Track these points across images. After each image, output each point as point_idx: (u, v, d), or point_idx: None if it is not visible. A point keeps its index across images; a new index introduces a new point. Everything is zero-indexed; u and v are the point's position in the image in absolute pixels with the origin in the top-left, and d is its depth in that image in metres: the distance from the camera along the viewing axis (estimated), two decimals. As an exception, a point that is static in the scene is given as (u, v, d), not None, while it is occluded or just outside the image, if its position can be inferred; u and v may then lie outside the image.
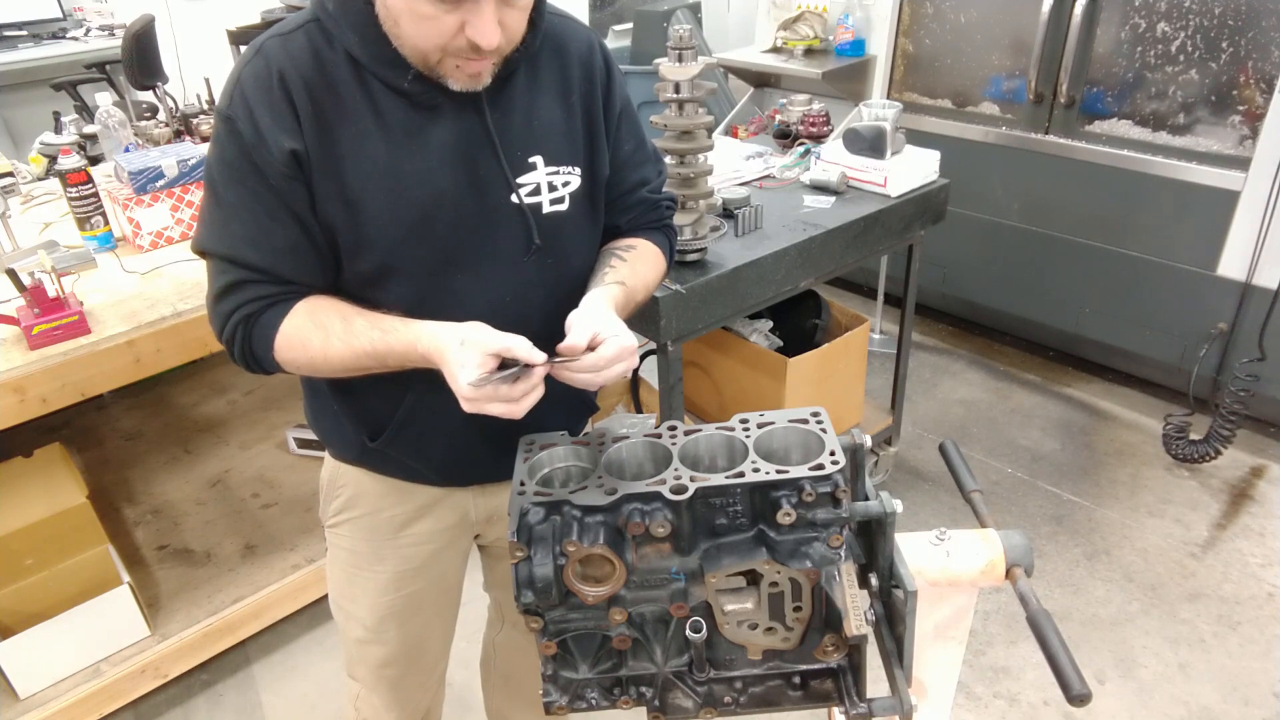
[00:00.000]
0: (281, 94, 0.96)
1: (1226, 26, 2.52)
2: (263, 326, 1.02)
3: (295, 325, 1.01)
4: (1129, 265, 2.91)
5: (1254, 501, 2.65)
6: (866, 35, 3.24)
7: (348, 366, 1.00)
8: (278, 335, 1.01)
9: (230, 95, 0.98)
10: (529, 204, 1.06)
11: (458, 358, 0.90)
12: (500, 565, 1.45)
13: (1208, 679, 2.08)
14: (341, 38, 0.98)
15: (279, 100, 0.96)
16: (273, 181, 0.98)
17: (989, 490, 2.72)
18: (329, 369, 1.02)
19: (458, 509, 1.28)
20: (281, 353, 1.02)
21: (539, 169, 1.07)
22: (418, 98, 1.00)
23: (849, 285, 3.89)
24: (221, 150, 0.99)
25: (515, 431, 1.01)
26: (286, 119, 0.96)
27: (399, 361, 0.98)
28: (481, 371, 0.88)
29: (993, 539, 0.91)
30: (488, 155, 1.04)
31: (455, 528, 1.30)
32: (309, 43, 0.98)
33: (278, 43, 0.98)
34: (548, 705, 0.93)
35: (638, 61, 4.20)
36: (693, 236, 1.83)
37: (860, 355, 2.49)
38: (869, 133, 2.22)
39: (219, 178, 1.00)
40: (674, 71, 1.62)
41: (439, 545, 1.30)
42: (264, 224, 0.99)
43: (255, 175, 0.98)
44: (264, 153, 0.96)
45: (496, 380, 0.89)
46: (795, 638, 0.88)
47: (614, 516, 0.83)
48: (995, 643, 2.19)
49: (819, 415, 0.91)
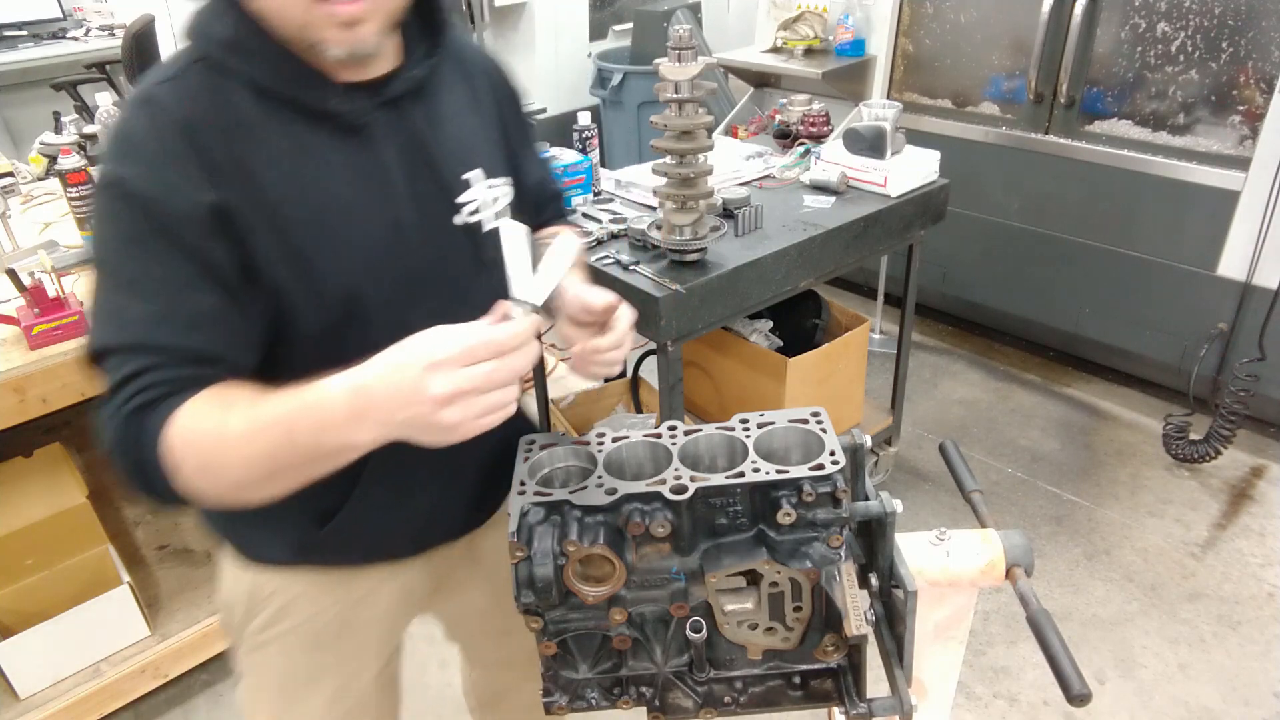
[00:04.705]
0: (187, 144, 0.82)
1: (1226, 26, 2.52)
2: (156, 417, 0.77)
3: (193, 409, 0.78)
4: (1129, 265, 2.90)
5: (1254, 501, 2.65)
6: (866, 35, 3.24)
7: (249, 459, 0.76)
8: (170, 426, 0.77)
9: (118, 157, 0.83)
10: (473, 223, 0.99)
11: (419, 340, 0.72)
12: (464, 624, 1.33)
13: (1208, 679, 2.08)
14: (244, 68, 0.85)
15: (184, 151, 0.81)
16: (188, 242, 0.81)
17: (989, 490, 2.72)
18: (226, 470, 0.77)
19: (403, 588, 1.13)
20: (173, 450, 0.76)
21: (478, 184, 0.99)
22: (344, 119, 0.88)
23: (849, 285, 3.88)
24: (114, 223, 0.82)
25: (498, 460, 0.95)
26: (198, 171, 0.82)
27: (313, 426, 0.74)
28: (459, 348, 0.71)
29: (993, 539, 0.92)
30: (427, 175, 0.95)
31: (400, 608, 1.15)
32: (204, 83, 0.84)
33: (168, 88, 0.84)
34: (548, 705, 0.93)
35: (638, 61, 4.20)
36: (693, 236, 1.83)
37: (860, 355, 2.49)
38: (869, 133, 2.21)
39: (114, 256, 0.82)
40: (674, 71, 1.62)
41: (385, 634, 1.16)
42: (177, 295, 0.81)
43: (162, 239, 0.81)
44: (173, 212, 0.80)
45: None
46: (795, 638, 0.88)
47: (614, 516, 0.83)
48: (995, 643, 2.19)
49: (819, 415, 0.91)
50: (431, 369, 0.69)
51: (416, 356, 0.70)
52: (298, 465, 0.77)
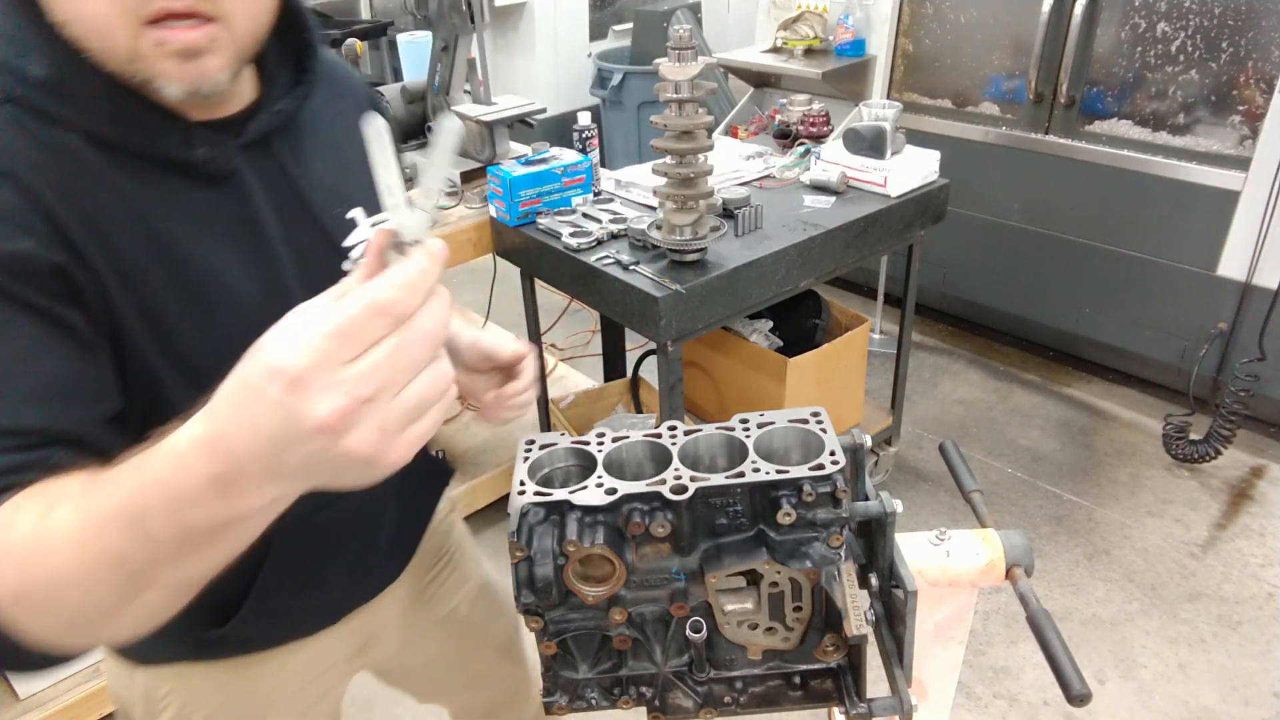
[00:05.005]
0: (18, 197, 0.66)
1: (1226, 26, 2.52)
2: None
3: (2, 515, 0.57)
4: (1129, 265, 2.91)
5: (1254, 501, 2.65)
6: (866, 35, 3.24)
7: (87, 573, 0.53)
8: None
9: None
10: None
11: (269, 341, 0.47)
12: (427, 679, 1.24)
13: (1208, 679, 2.08)
14: (71, 115, 0.70)
15: (16, 205, 0.66)
16: (27, 299, 0.65)
17: (989, 490, 2.71)
18: (58, 593, 0.54)
19: (323, 656, 1.01)
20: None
21: (362, 224, 0.88)
22: (204, 168, 0.75)
23: (849, 285, 3.88)
24: None
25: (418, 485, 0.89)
26: (36, 226, 0.66)
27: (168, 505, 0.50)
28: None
29: (993, 539, 0.92)
30: (306, 222, 0.83)
31: (325, 677, 1.03)
32: (22, 130, 0.68)
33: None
34: (548, 705, 0.93)
35: (638, 61, 4.20)
36: (693, 236, 1.83)
37: (860, 355, 2.49)
38: (869, 133, 2.22)
39: None
40: (674, 71, 1.62)
41: (314, 704, 1.04)
42: (14, 362, 0.64)
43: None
44: (7, 265, 0.64)
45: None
46: (795, 638, 0.88)
47: (614, 516, 0.83)
48: (995, 643, 2.19)
49: (819, 415, 0.91)
50: (296, 383, 0.45)
51: (269, 370, 0.45)
52: (165, 565, 0.53)
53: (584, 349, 3.57)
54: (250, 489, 0.49)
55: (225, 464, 0.48)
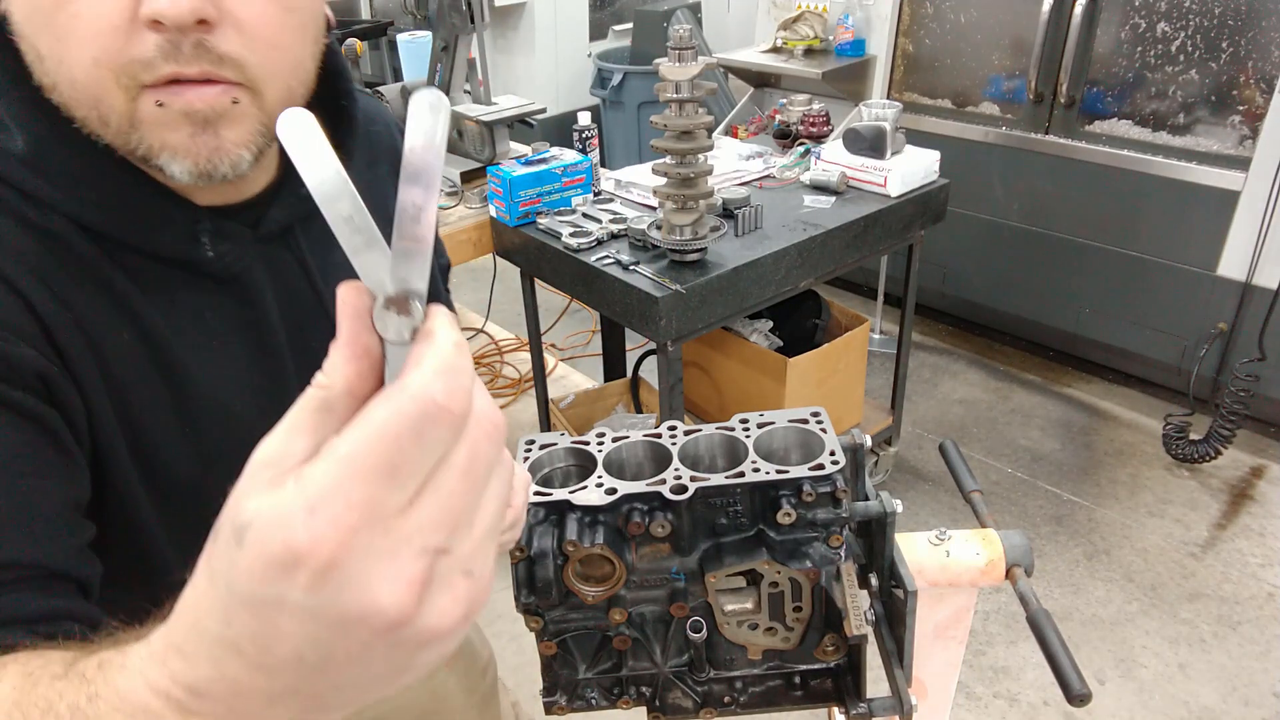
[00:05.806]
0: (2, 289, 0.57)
1: (1226, 26, 2.52)
2: None
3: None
4: (1129, 265, 2.91)
5: (1254, 501, 2.65)
6: (866, 35, 3.24)
7: None
8: None
9: None
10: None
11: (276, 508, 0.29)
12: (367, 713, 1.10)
13: (1208, 679, 2.08)
14: (57, 198, 0.59)
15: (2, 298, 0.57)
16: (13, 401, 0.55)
17: (989, 490, 2.72)
18: None
19: None
20: None
21: None
22: (210, 266, 0.64)
23: (849, 285, 3.89)
24: None
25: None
26: (21, 323, 0.57)
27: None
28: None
29: (993, 539, 0.92)
30: (320, 323, 0.71)
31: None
32: (5, 213, 0.58)
33: None
34: (548, 705, 0.93)
35: (638, 61, 4.20)
36: (693, 236, 1.83)
37: (860, 355, 2.49)
38: (869, 133, 2.22)
39: None
40: (674, 71, 1.62)
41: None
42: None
43: None
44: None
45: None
46: (795, 638, 0.88)
47: (614, 516, 0.83)
48: (995, 643, 2.19)
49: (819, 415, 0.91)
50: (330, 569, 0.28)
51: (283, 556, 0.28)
52: None
53: (584, 349, 3.57)
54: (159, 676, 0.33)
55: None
